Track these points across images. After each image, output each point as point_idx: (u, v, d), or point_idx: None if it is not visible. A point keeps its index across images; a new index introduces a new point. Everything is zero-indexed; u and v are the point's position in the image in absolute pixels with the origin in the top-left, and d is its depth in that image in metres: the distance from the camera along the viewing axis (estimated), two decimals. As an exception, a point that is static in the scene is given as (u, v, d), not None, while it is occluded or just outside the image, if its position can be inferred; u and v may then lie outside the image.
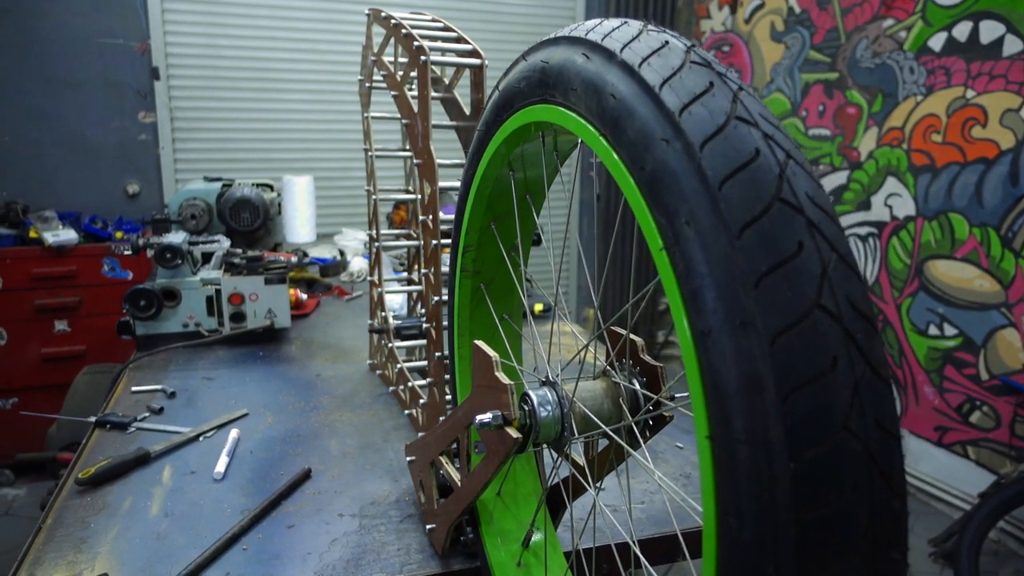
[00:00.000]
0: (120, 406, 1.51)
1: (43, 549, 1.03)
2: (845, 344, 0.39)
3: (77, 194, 3.59)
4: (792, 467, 0.38)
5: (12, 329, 3.22)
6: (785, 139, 0.45)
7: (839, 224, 0.43)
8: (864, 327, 0.40)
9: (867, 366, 0.40)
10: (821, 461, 0.38)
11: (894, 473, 0.40)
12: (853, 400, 0.39)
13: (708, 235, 0.42)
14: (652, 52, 0.51)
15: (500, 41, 4.30)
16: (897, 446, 0.40)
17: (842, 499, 0.38)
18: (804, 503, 0.38)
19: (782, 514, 0.38)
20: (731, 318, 0.40)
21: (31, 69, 3.43)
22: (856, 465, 0.38)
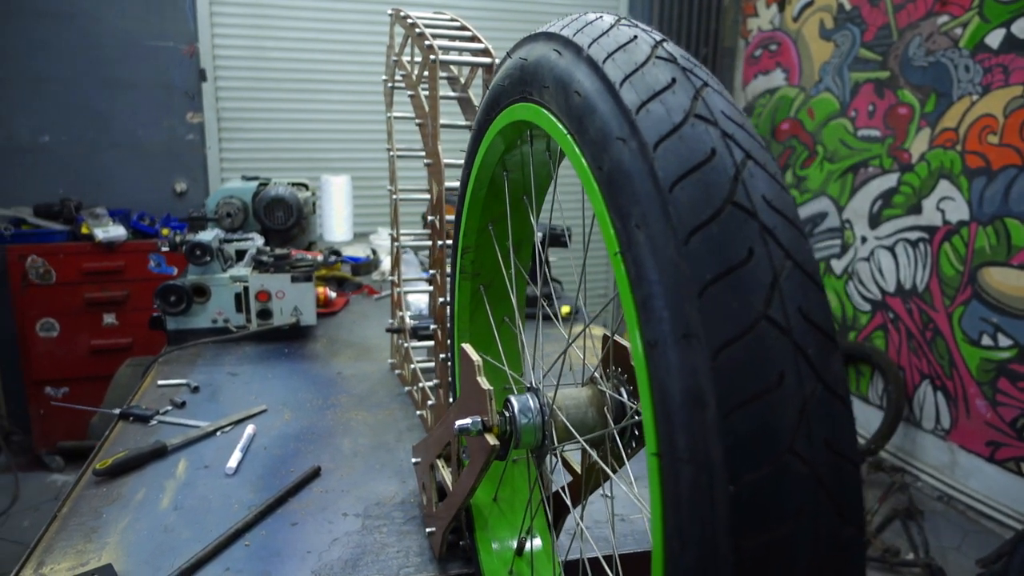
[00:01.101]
0: (146, 399, 1.55)
1: (56, 537, 1.05)
2: (794, 359, 0.37)
3: (128, 192, 3.71)
4: (732, 490, 0.35)
5: (64, 322, 3.34)
6: (748, 138, 0.43)
7: (801, 229, 0.41)
8: (817, 341, 0.38)
9: (819, 383, 0.37)
10: (762, 484, 0.35)
11: (846, 500, 0.37)
12: (800, 420, 0.36)
13: (657, 240, 0.40)
14: (618, 47, 0.49)
15: (541, 41, 4.28)
16: (852, 470, 0.37)
17: (784, 526, 0.35)
18: (744, 529, 0.35)
19: (721, 540, 0.36)
20: (676, 329, 0.38)
21: (88, 71, 3.56)
22: (801, 490, 0.36)
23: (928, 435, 3.35)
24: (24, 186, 3.53)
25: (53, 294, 3.30)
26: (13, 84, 3.46)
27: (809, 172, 4.08)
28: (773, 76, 4.37)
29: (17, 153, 3.52)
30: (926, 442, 3.36)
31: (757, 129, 2.82)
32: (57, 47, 3.48)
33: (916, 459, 3.42)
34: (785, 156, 4.26)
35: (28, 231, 3.30)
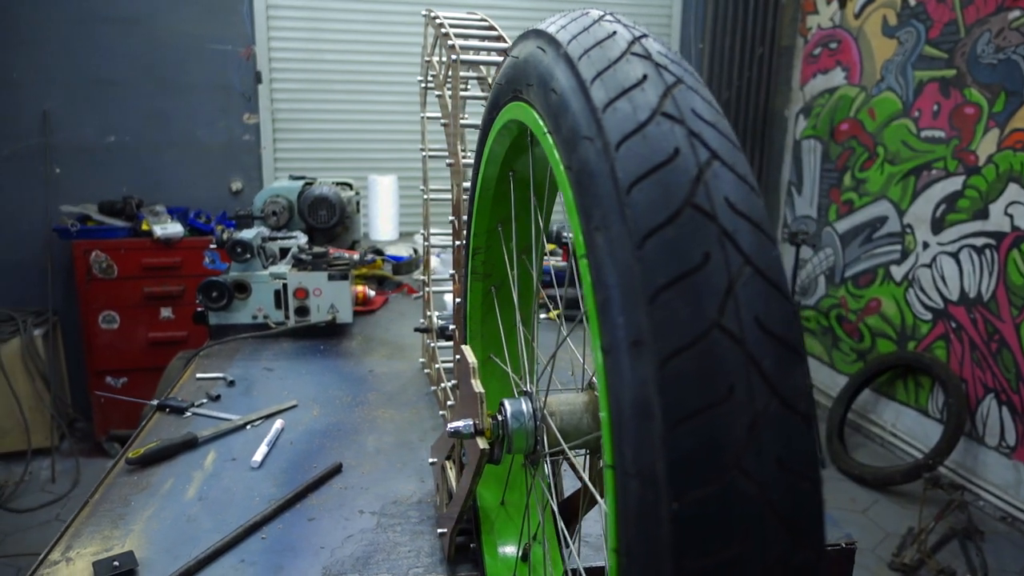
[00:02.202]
0: (183, 391, 1.60)
1: (85, 522, 1.09)
2: (746, 371, 0.34)
3: (186, 190, 3.84)
4: (675, 507, 0.34)
5: (124, 314, 3.49)
6: (717, 137, 0.41)
7: (767, 233, 0.38)
8: (775, 352, 0.35)
9: (773, 398, 0.35)
10: (707, 503, 0.34)
11: (801, 522, 0.34)
12: (749, 436, 0.34)
13: (615, 243, 0.38)
14: (595, 44, 0.48)
15: (592, 41, 4.25)
16: (810, 490, 0.35)
17: (729, 548, 0.33)
18: (687, 549, 0.33)
19: (664, 560, 0.34)
20: (627, 336, 0.37)
21: (151, 74, 3.70)
22: (748, 511, 0.33)
23: (991, 452, 3.19)
24: (91, 184, 3.69)
25: (115, 288, 3.44)
26: (83, 87, 3.62)
27: (869, 174, 3.93)
28: (833, 75, 4.23)
29: (85, 153, 3.69)
30: (989, 459, 3.20)
31: (815, 130, 2.76)
32: (123, 51, 3.64)
33: (978, 477, 3.25)
34: (844, 158, 4.12)
35: (93, 227, 3.46)
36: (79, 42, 3.58)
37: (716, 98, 2.18)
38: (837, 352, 4.23)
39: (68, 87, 3.60)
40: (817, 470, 0.35)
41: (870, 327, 3.95)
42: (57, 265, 3.64)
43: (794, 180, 4.64)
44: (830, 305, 4.28)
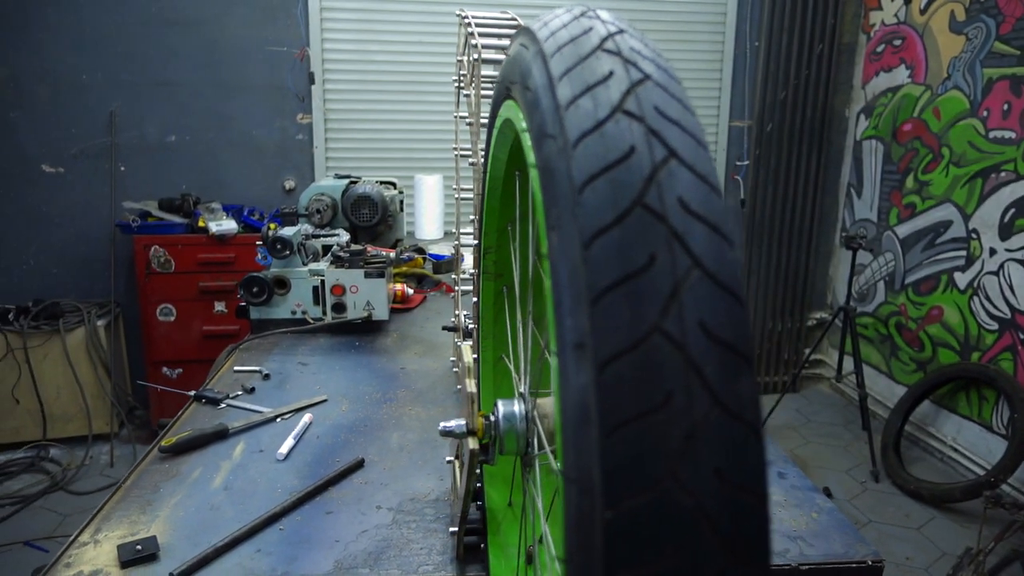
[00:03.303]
0: (221, 383, 1.64)
1: (116, 507, 1.13)
2: (686, 377, 0.33)
3: (242, 188, 3.96)
4: (609, 516, 0.33)
5: (181, 308, 3.61)
6: (679, 135, 0.39)
7: (724, 235, 0.37)
8: (720, 359, 0.34)
9: (715, 406, 0.33)
10: (641, 513, 0.32)
11: (741, 537, 0.33)
12: (686, 445, 0.33)
13: (566, 243, 0.38)
14: (570, 40, 0.47)
15: (643, 40, 4.19)
16: (754, 505, 0.33)
17: (662, 561, 0.32)
18: (617, 560, 0.32)
19: (597, 570, 0.33)
20: (572, 338, 0.36)
21: (209, 75, 3.83)
22: (682, 523, 0.32)
23: (1060, 471, 3.01)
24: (152, 181, 3.84)
25: (172, 282, 3.57)
26: (147, 89, 3.77)
27: (932, 177, 3.77)
28: (896, 73, 4.07)
29: (147, 151, 3.84)
30: (1057, 479, 3.02)
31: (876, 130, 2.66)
32: (184, 53, 3.77)
33: (1045, 497, 3.08)
34: (907, 159, 3.96)
35: (153, 223, 3.59)
36: (144, 45, 3.73)
37: (772, 98, 2.15)
38: (896, 361, 4.06)
39: (133, 88, 3.76)
40: (763, 484, 0.34)
41: (931, 336, 3.78)
42: (119, 259, 3.81)
43: (854, 182, 4.48)
44: (889, 312, 4.12)
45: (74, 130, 3.75)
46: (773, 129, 4.33)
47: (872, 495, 3.34)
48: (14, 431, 3.50)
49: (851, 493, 3.35)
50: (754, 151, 4.37)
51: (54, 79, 3.67)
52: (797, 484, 1.22)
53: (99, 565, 0.98)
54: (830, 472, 3.55)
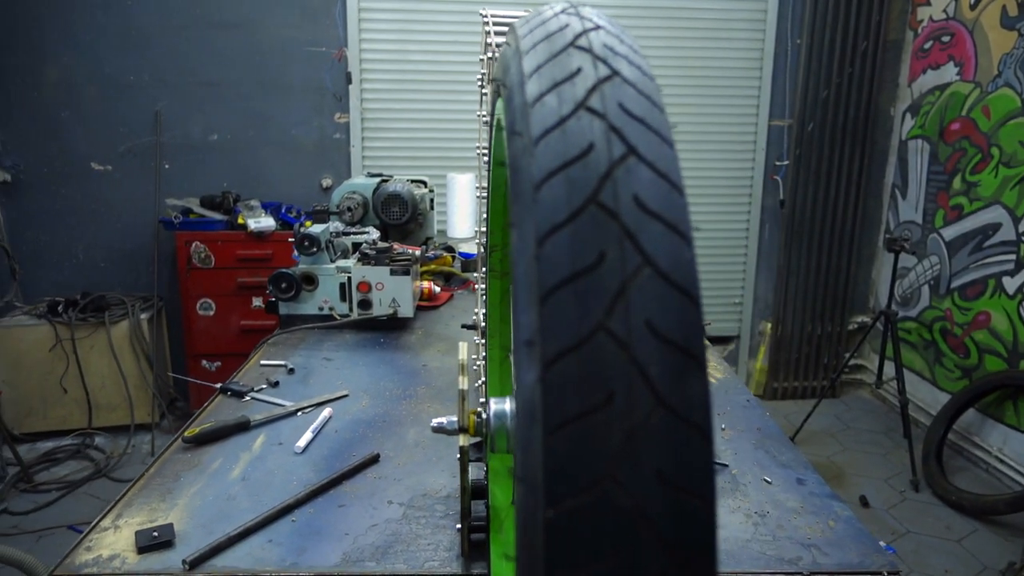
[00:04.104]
0: (247, 377, 1.68)
1: (137, 494, 1.17)
2: (629, 377, 0.33)
3: (280, 186, 4.04)
4: (550, 515, 0.33)
5: (220, 302, 3.70)
6: (642, 132, 0.39)
7: (682, 234, 0.36)
8: (667, 359, 0.33)
9: (658, 407, 0.33)
10: (580, 513, 0.32)
11: (683, 541, 0.32)
12: (626, 445, 0.32)
13: (524, 240, 0.38)
14: (545, 37, 0.46)
15: (681, 39, 4.15)
16: (698, 509, 0.33)
17: (600, 563, 0.32)
18: (557, 560, 0.32)
19: (538, 570, 0.33)
20: (523, 336, 0.36)
21: (251, 76, 3.91)
22: (620, 524, 0.32)
23: (1112, 486, 2.88)
24: (195, 179, 3.94)
25: (212, 277, 3.66)
26: (191, 89, 3.87)
27: (981, 178, 3.64)
28: (944, 71, 3.94)
29: (191, 150, 3.94)
30: (1109, 493, 2.89)
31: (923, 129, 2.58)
32: (227, 54, 3.86)
33: (1096, 512, 2.95)
34: (954, 159, 3.83)
35: (194, 219, 3.69)
36: (189, 46, 3.83)
37: (814, 96, 2.11)
38: (940, 368, 3.94)
39: (178, 88, 3.86)
40: (710, 487, 0.33)
41: (977, 342, 3.65)
42: (162, 254, 3.92)
43: (898, 183, 4.35)
44: (933, 317, 3.99)
45: (121, 129, 3.87)
46: (814, 128, 4.23)
47: (911, 505, 3.25)
48: (62, 419, 3.64)
49: (889, 502, 3.26)
50: (794, 151, 4.28)
51: (103, 80, 3.79)
52: (816, 491, 1.20)
53: (117, 550, 1.01)
54: (868, 480, 3.46)
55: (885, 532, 3.01)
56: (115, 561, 0.99)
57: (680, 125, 4.28)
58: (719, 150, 4.34)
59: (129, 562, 0.99)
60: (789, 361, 4.52)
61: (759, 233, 4.47)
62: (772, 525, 1.10)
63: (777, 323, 4.49)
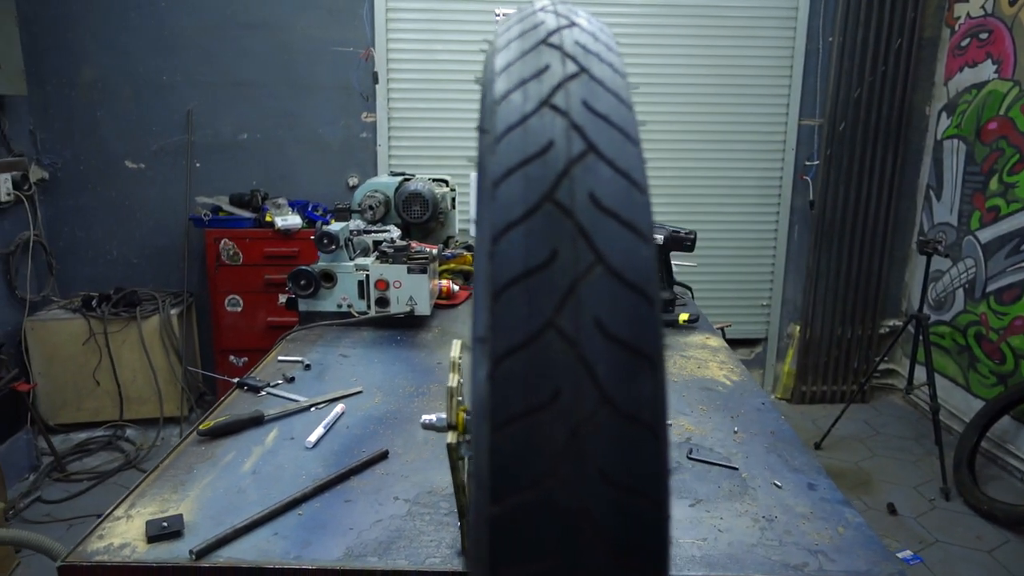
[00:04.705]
0: (264, 372, 1.70)
1: (151, 485, 1.20)
2: (576, 375, 0.33)
3: (308, 184, 4.09)
4: (495, 512, 0.33)
5: (247, 299, 3.76)
6: (604, 130, 0.39)
7: (638, 232, 0.36)
8: (615, 357, 0.33)
9: (603, 405, 0.33)
10: (524, 511, 0.32)
11: (630, 542, 0.32)
12: (570, 444, 0.32)
13: (482, 238, 0.38)
14: (519, 35, 0.46)
15: (710, 36, 4.10)
16: (646, 509, 0.33)
17: (542, 561, 0.32)
18: (501, 557, 0.32)
19: (484, 566, 0.33)
20: (478, 332, 0.36)
21: (280, 76, 3.97)
22: (562, 523, 0.32)
23: None
24: (225, 177, 4.01)
25: (240, 274, 3.73)
26: (221, 88, 3.94)
27: (1019, 179, 3.54)
28: (982, 68, 3.84)
29: (221, 148, 4.01)
30: None
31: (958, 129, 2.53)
32: (257, 55, 3.92)
33: None
34: (991, 160, 3.73)
35: (224, 217, 3.76)
36: (220, 47, 3.90)
37: (845, 95, 2.09)
38: (974, 374, 3.84)
39: (209, 88, 3.93)
40: (659, 487, 0.33)
41: (1014, 348, 3.55)
42: (192, 251, 4.00)
43: (933, 184, 4.25)
44: (968, 322, 3.89)
45: (154, 128, 3.95)
46: (846, 128, 4.16)
47: (941, 514, 3.17)
48: (94, 411, 3.73)
49: (918, 511, 3.19)
50: (825, 151, 4.21)
51: (137, 79, 3.88)
52: (827, 497, 1.17)
53: (128, 539, 1.04)
54: (896, 488, 3.39)
55: (913, 541, 2.95)
56: (125, 550, 1.01)
57: (708, 124, 4.23)
58: (748, 150, 4.28)
59: (139, 551, 1.01)
60: (818, 365, 4.44)
61: (788, 234, 4.40)
62: (779, 530, 1.08)
63: (805, 326, 4.41)
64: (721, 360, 1.80)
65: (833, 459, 3.69)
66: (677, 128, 4.23)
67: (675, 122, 4.22)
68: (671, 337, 1.98)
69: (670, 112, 4.20)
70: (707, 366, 1.76)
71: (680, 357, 1.82)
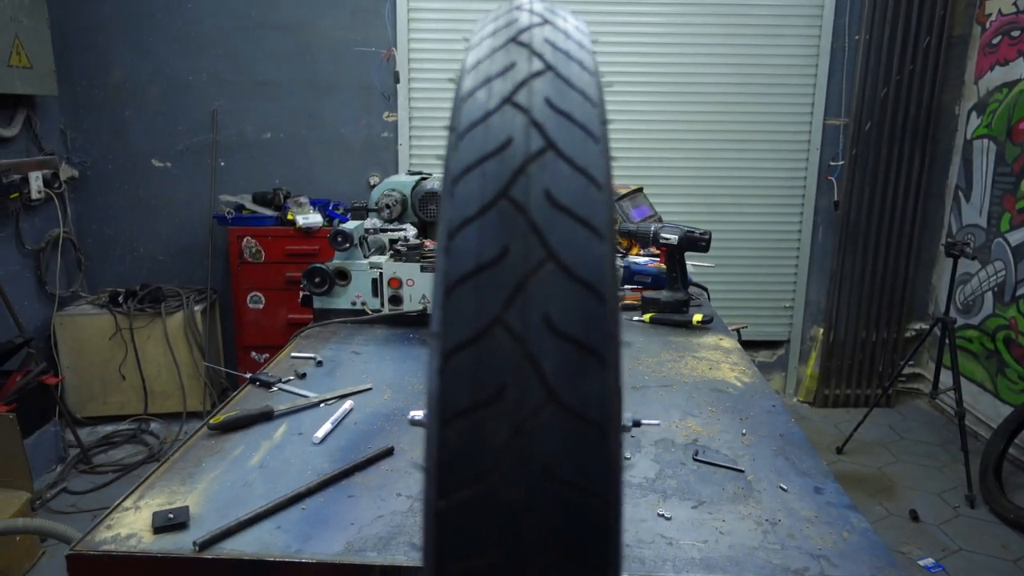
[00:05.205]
0: (277, 368, 1.72)
1: (161, 477, 1.22)
2: (522, 371, 0.33)
3: (329, 183, 4.13)
4: (441, 506, 0.33)
5: (269, 296, 3.82)
6: (565, 127, 0.39)
7: (594, 229, 0.36)
8: (563, 354, 0.33)
9: (549, 401, 0.33)
10: (468, 506, 0.32)
11: (576, 538, 0.32)
12: (514, 440, 0.32)
13: (440, 235, 0.38)
14: (492, 33, 0.47)
15: (734, 35, 4.06)
16: (592, 507, 0.33)
17: (485, 557, 0.32)
18: (447, 550, 0.33)
19: (431, 560, 0.33)
20: (432, 328, 0.36)
21: (302, 76, 4.02)
22: (505, 519, 0.32)
23: None
24: (248, 176, 4.07)
25: (262, 271, 3.78)
26: (245, 89, 4.00)
27: (1051, 179, 3.45)
28: (1014, 67, 3.75)
29: (245, 148, 4.07)
30: None
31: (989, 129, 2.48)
32: (280, 55, 3.97)
33: None
34: (1022, 161, 3.64)
35: (246, 215, 3.81)
36: (244, 48, 3.95)
37: (872, 94, 2.07)
38: (1003, 379, 3.75)
39: (233, 88, 3.99)
40: (608, 485, 0.33)
41: (1044, 353, 3.47)
42: (216, 249, 4.06)
43: (962, 184, 4.17)
44: (997, 326, 3.81)
45: (180, 127, 4.02)
46: (872, 127, 4.09)
47: (965, 521, 3.11)
48: (120, 405, 3.80)
49: (941, 518, 3.13)
50: (850, 151, 4.14)
51: (163, 80, 3.95)
52: (833, 501, 1.16)
53: (135, 529, 1.06)
54: (920, 494, 3.32)
55: (935, 549, 2.89)
56: (132, 540, 1.03)
57: (731, 124, 4.19)
58: (771, 149, 4.24)
59: (145, 541, 1.03)
60: (841, 368, 4.38)
61: (812, 235, 4.34)
62: (782, 533, 1.07)
63: (829, 328, 4.35)
64: (733, 361, 1.79)
65: (855, 464, 3.64)
66: (700, 128, 4.19)
67: (698, 121, 4.19)
68: (684, 337, 1.97)
69: (693, 112, 4.17)
70: (719, 367, 1.74)
71: (692, 358, 1.80)
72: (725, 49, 4.10)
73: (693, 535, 1.06)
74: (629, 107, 4.12)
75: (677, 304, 2.06)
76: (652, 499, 1.16)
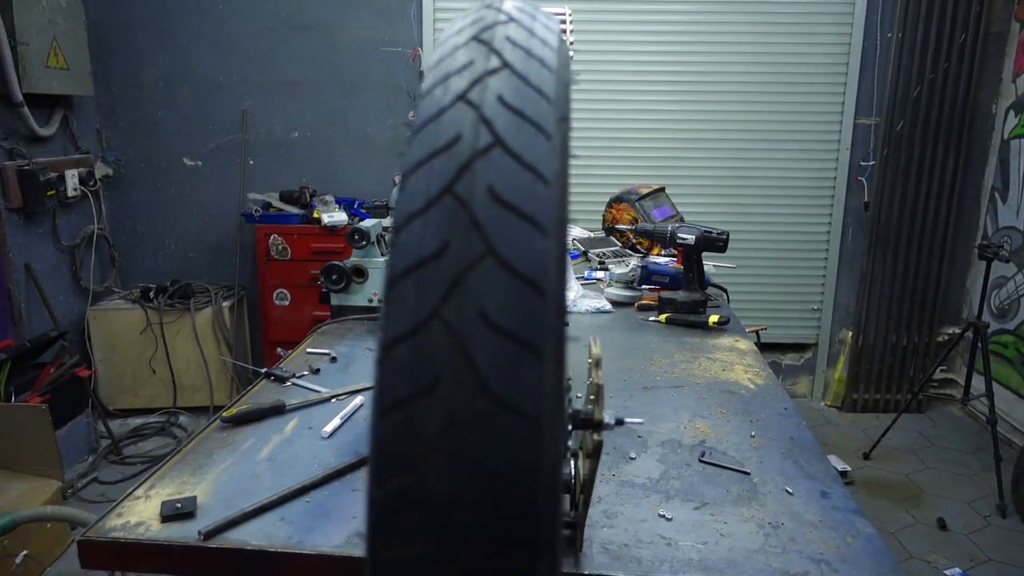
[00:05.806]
0: (293, 363, 1.75)
1: (172, 468, 1.25)
2: (456, 364, 0.33)
3: (355, 182, 4.18)
4: (377, 496, 0.34)
5: (294, 293, 3.87)
6: (515, 124, 0.39)
7: (537, 225, 0.36)
8: (497, 348, 0.34)
9: (481, 394, 0.33)
10: (400, 495, 0.33)
11: (502, 530, 0.33)
12: (445, 431, 0.33)
13: (390, 230, 0.39)
14: (458, 31, 0.47)
15: (763, 33, 4.01)
16: (521, 499, 0.33)
17: (414, 546, 0.33)
18: (380, 539, 0.33)
19: (367, 547, 0.34)
20: (379, 321, 0.37)
21: (329, 76, 4.07)
22: (432, 510, 0.32)
23: None
24: (276, 174, 4.13)
25: (288, 268, 3.83)
26: (274, 88, 4.06)
27: (1091, 181, 3.34)
28: (1053, 64, 3.64)
29: (273, 146, 4.13)
30: None
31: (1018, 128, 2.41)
32: (308, 55, 4.02)
33: None
34: (1061, 161, 3.53)
35: (273, 213, 3.87)
36: (273, 48, 4.01)
37: (904, 93, 2.05)
38: (1038, 386, 3.65)
39: (262, 88, 4.05)
40: (534, 477, 0.33)
41: (1081, 360, 3.36)
42: (244, 246, 4.13)
43: (998, 185, 4.06)
44: (1033, 331, 3.70)
45: (211, 127, 4.10)
46: (904, 127, 4.00)
47: (996, 531, 3.03)
48: (150, 398, 3.89)
49: (970, 527, 3.05)
50: (881, 150, 4.06)
51: (195, 80, 4.03)
52: (839, 505, 1.14)
53: (144, 517, 1.09)
54: (949, 502, 3.25)
55: (963, 558, 2.82)
56: (140, 528, 1.06)
57: (760, 123, 4.14)
58: (800, 149, 4.17)
59: (152, 529, 1.06)
60: (870, 372, 4.29)
61: (841, 236, 4.27)
62: (784, 537, 1.06)
63: (858, 332, 4.27)
64: (748, 363, 1.77)
65: (883, 470, 3.56)
66: (727, 127, 4.15)
67: (725, 120, 4.14)
68: (700, 338, 1.95)
69: (720, 111, 4.12)
70: (732, 369, 1.73)
71: (706, 359, 1.79)
72: (753, 47, 4.05)
73: (693, 536, 1.06)
74: (655, 106, 4.10)
75: (693, 305, 2.04)
76: (654, 499, 1.16)
